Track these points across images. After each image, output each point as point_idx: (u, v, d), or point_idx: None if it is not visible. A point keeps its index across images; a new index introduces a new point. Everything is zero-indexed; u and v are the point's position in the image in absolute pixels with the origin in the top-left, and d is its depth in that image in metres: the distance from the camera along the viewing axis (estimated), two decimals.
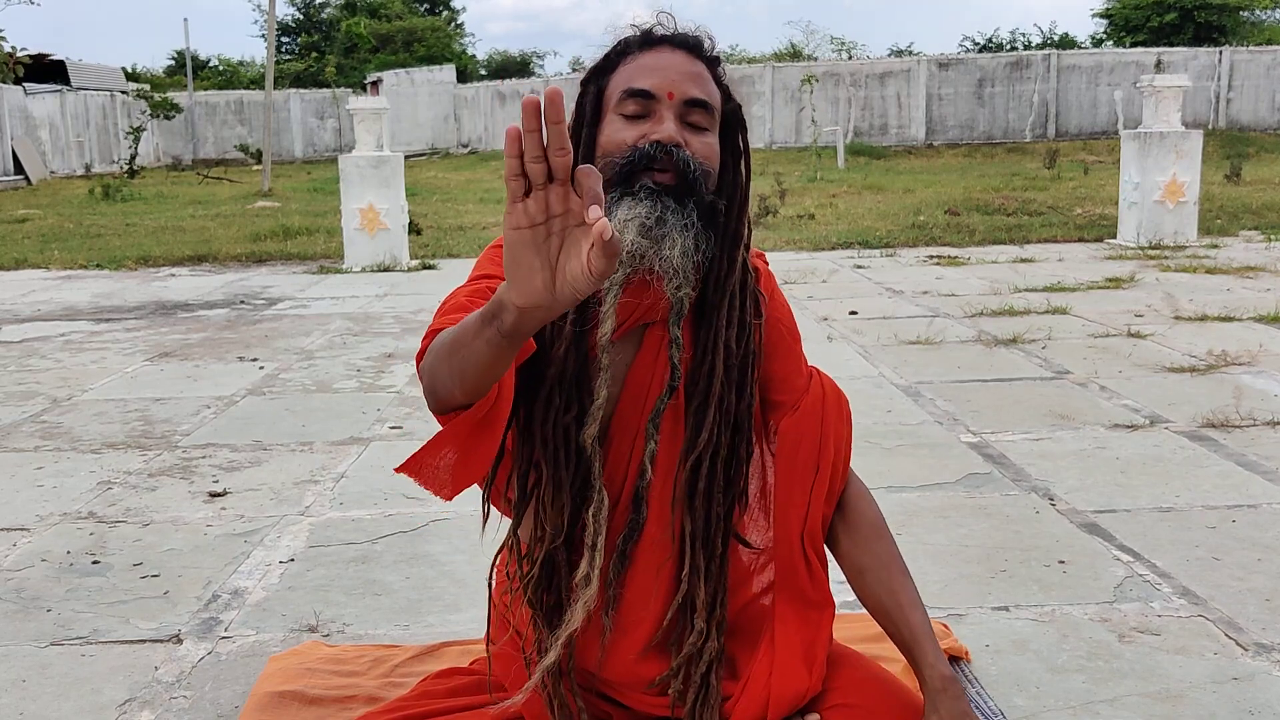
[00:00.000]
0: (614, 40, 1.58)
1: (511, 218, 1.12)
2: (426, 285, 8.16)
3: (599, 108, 1.56)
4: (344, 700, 1.98)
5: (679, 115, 1.51)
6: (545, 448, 1.54)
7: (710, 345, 1.58)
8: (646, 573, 1.61)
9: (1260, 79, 24.00)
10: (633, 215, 1.47)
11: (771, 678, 1.59)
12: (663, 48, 1.55)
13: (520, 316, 1.18)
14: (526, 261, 1.13)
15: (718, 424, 1.58)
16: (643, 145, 1.49)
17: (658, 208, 1.47)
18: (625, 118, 1.52)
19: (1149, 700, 2.07)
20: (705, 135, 1.54)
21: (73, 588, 2.71)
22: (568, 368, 1.53)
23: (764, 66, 25.48)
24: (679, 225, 1.48)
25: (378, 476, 3.52)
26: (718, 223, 1.55)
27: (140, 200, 16.81)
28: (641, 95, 1.51)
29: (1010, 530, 2.97)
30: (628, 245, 1.46)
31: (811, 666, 1.62)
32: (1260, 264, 8.13)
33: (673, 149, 1.49)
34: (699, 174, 1.50)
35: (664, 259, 1.48)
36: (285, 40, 42.03)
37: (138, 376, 5.18)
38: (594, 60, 1.60)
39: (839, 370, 4.93)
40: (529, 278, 1.14)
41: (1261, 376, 4.66)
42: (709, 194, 1.53)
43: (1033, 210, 12.17)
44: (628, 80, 1.53)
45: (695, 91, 1.52)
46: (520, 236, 1.12)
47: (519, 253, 1.13)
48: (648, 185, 1.48)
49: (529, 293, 1.14)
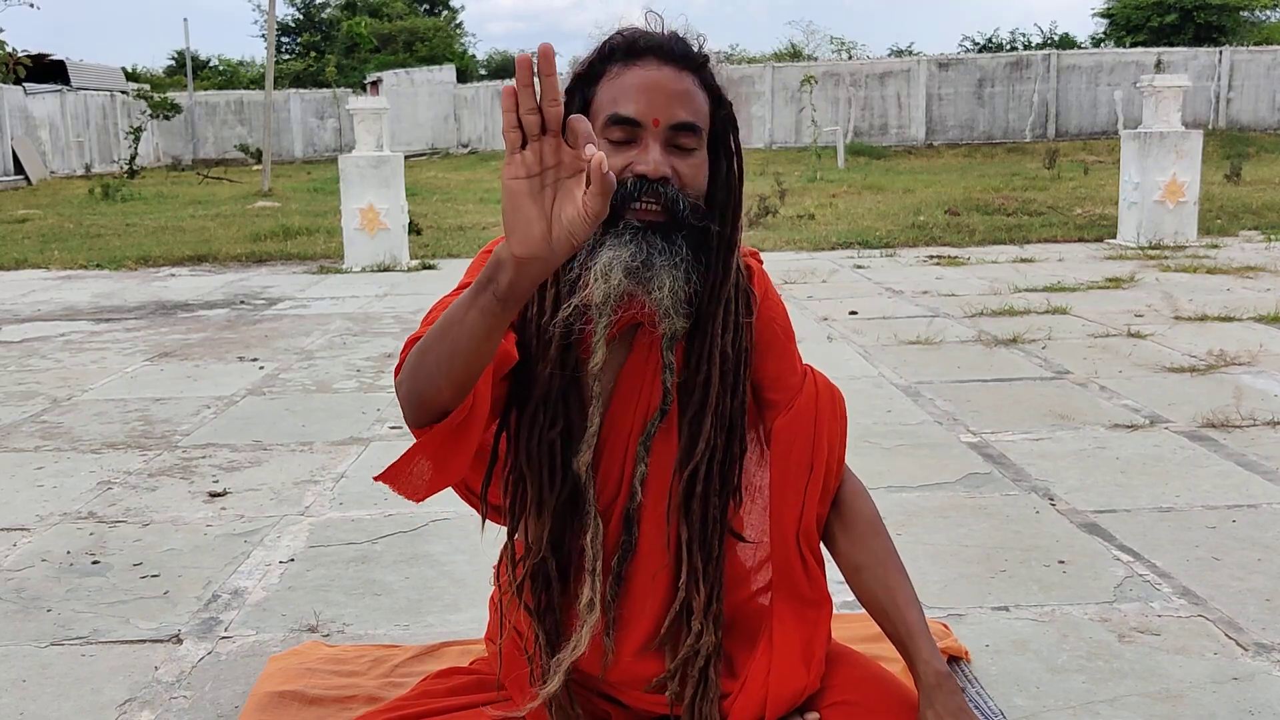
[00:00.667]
0: (598, 43, 1.53)
1: (510, 169, 1.19)
2: (426, 285, 8.16)
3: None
4: (344, 700, 1.98)
5: (665, 141, 1.47)
6: (529, 462, 1.54)
7: (706, 354, 1.56)
8: (642, 581, 1.61)
9: (1260, 79, 24.01)
10: (617, 257, 1.43)
11: (770, 676, 1.59)
12: (648, 61, 1.49)
13: (518, 272, 1.22)
14: (525, 211, 1.19)
15: (714, 429, 1.57)
16: (627, 178, 1.45)
17: (644, 249, 1.44)
18: (610, 143, 1.47)
19: (1149, 700, 2.07)
20: (692, 156, 1.49)
21: (73, 588, 2.71)
22: (553, 384, 1.52)
23: (764, 66, 25.48)
24: (668, 265, 1.45)
25: None
26: (710, 246, 1.52)
27: (140, 200, 16.82)
28: (626, 122, 1.46)
29: (1010, 530, 2.97)
30: (614, 287, 1.43)
31: (809, 664, 1.62)
32: (1260, 264, 8.13)
33: (658, 185, 1.44)
34: (688, 211, 1.47)
35: (653, 299, 1.45)
36: (285, 40, 42.02)
37: (138, 376, 5.18)
38: (578, 66, 1.55)
39: (839, 370, 4.93)
40: (527, 227, 1.20)
41: (1261, 376, 4.66)
42: (700, 220, 1.49)
43: (1033, 210, 12.17)
44: (612, 103, 1.48)
45: (682, 114, 1.47)
46: (518, 186, 1.19)
47: (518, 202, 1.19)
48: (632, 225, 1.44)
49: (527, 241, 1.20)
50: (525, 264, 1.21)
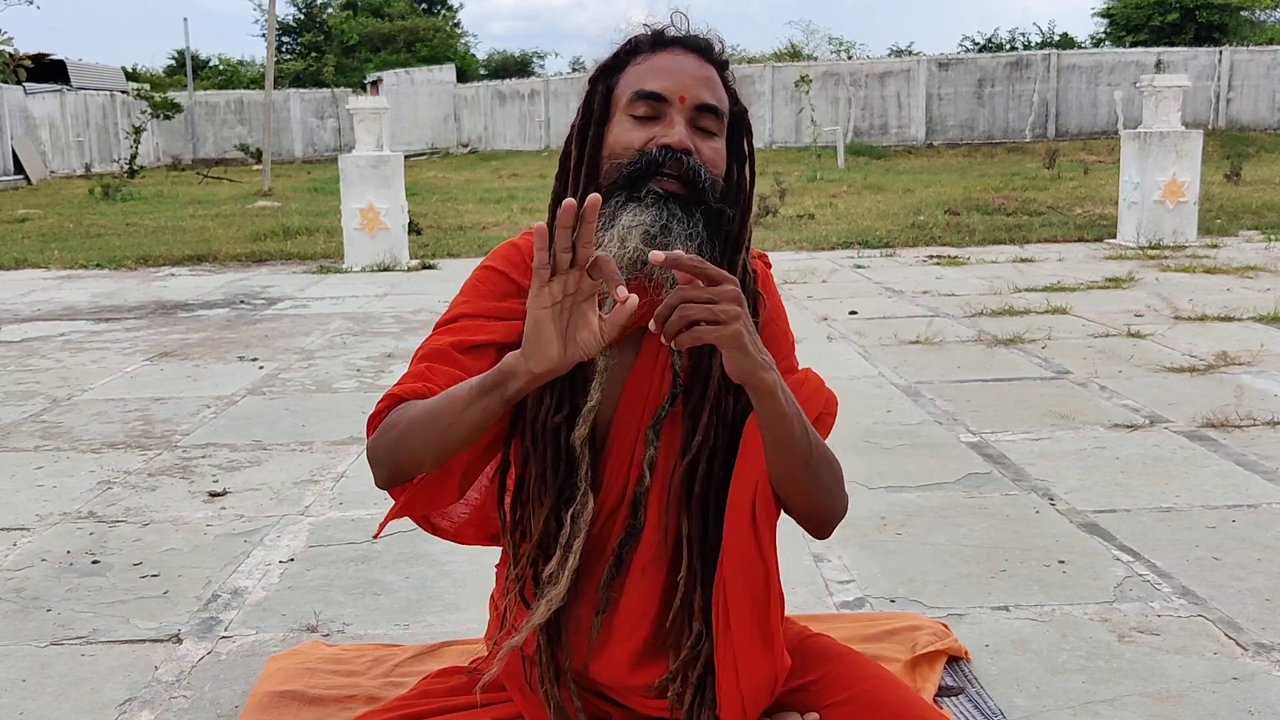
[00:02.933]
0: (624, 39, 1.57)
1: (538, 299, 1.29)
2: (426, 285, 8.16)
3: (607, 107, 1.55)
4: (344, 700, 1.98)
5: (689, 120, 1.50)
6: (536, 446, 1.55)
7: (708, 349, 1.57)
8: (643, 577, 1.60)
9: (1260, 79, 24.00)
10: (637, 222, 1.46)
11: (739, 677, 1.53)
12: (674, 50, 1.54)
13: (530, 382, 1.35)
14: (545, 334, 1.31)
15: (713, 425, 1.57)
16: (651, 150, 1.48)
17: (663, 215, 1.46)
18: (635, 119, 1.51)
19: (1149, 700, 2.07)
20: (714, 140, 1.53)
21: (73, 588, 2.71)
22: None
23: (764, 66, 25.48)
24: (683, 235, 1.47)
25: None
26: (723, 231, 1.54)
27: (140, 200, 16.82)
28: (652, 98, 1.50)
29: (1010, 530, 2.97)
30: (630, 253, 1.45)
31: (771, 647, 1.54)
32: (1260, 264, 8.13)
33: (683, 155, 1.47)
34: (708, 183, 1.49)
35: (664, 268, 1.47)
36: (285, 40, 42.03)
37: (138, 376, 5.18)
38: (603, 58, 1.58)
39: (839, 370, 4.93)
40: (547, 348, 1.31)
41: (1261, 376, 4.66)
42: (716, 202, 1.51)
43: (1033, 210, 12.18)
44: (638, 81, 1.52)
45: (707, 96, 1.51)
46: (545, 315, 1.30)
47: (542, 328, 1.30)
48: (655, 191, 1.47)
49: (545, 359, 1.32)
50: (539, 377, 1.34)
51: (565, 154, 1.59)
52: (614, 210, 1.48)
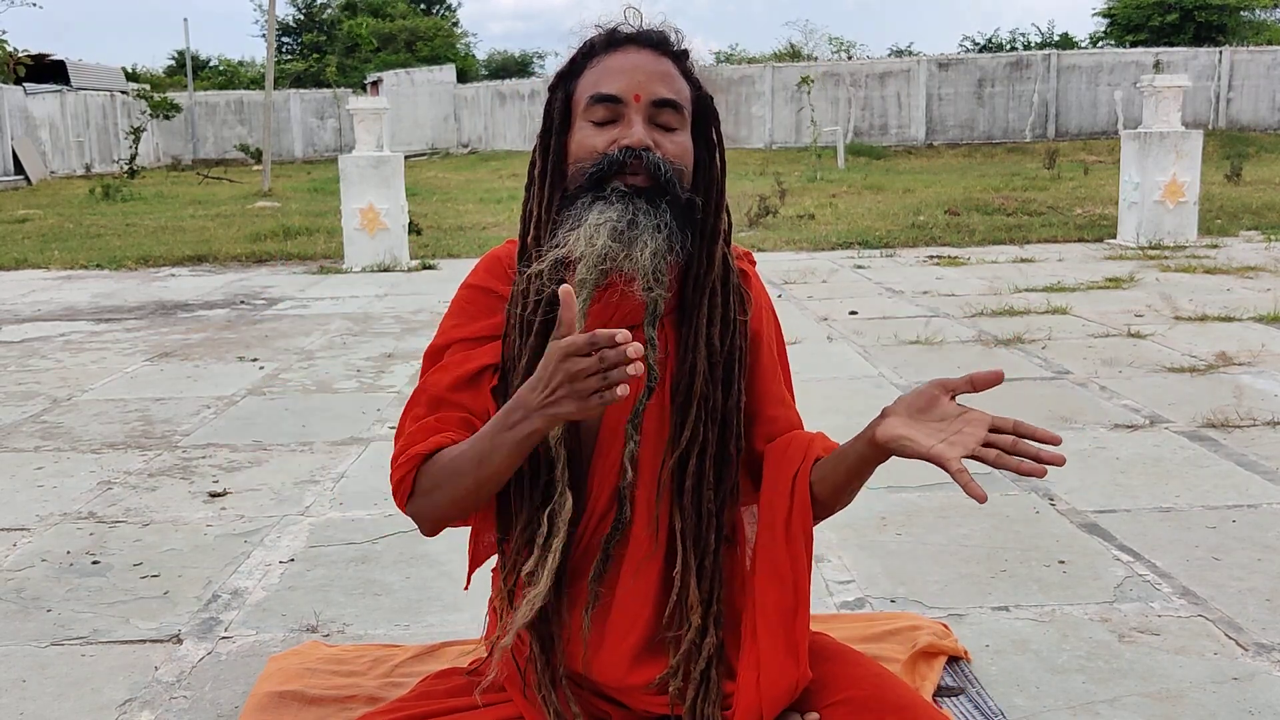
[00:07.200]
0: (580, 41, 1.57)
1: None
2: (426, 285, 8.16)
3: (568, 114, 1.56)
4: (344, 700, 1.98)
5: (648, 117, 1.51)
6: None
7: (691, 343, 1.58)
8: (635, 574, 1.60)
9: (1260, 79, 24.00)
10: (604, 219, 1.47)
11: (760, 678, 1.56)
12: (628, 48, 1.55)
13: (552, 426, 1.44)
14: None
15: (702, 421, 1.57)
16: (612, 151, 1.49)
17: (629, 210, 1.48)
18: (594, 124, 1.52)
19: (1149, 700, 2.07)
20: (676, 135, 1.53)
21: (73, 588, 2.71)
22: (535, 367, 1.53)
23: (764, 66, 25.48)
24: (650, 226, 1.48)
25: (377, 476, 3.52)
26: (694, 220, 1.55)
27: (140, 200, 16.81)
28: (608, 100, 1.51)
29: (1010, 530, 2.97)
30: (599, 250, 1.47)
31: (797, 656, 1.57)
32: (1260, 264, 8.13)
33: (642, 153, 1.49)
34: (671, 175, 1.50)
35: (633, 260, 1.47)
36: (286, 40, 42.05)
37: (138, 376, 5.18)
38: (560, 65, 1.59)
39: (839, 370, 4.93)
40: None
41: (1261, 376, 4.66)
42: (685, 192, 1.52)
43: (1033, 210, 12.17)
44: (594, 85, 1.53)
45: (663, 91, 1.52)
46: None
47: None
48: (619, 188, 1.49)
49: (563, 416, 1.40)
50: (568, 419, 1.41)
51: (531, 164, 1.62)
52: (581, 210, 1.50)
